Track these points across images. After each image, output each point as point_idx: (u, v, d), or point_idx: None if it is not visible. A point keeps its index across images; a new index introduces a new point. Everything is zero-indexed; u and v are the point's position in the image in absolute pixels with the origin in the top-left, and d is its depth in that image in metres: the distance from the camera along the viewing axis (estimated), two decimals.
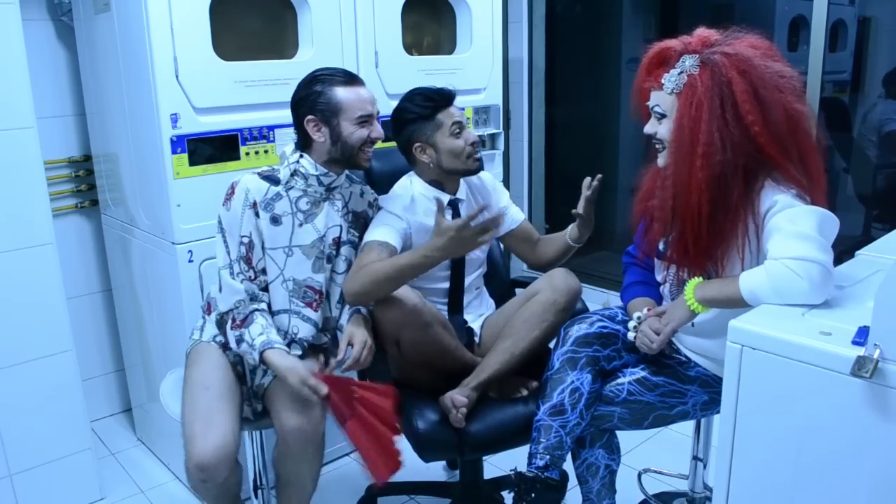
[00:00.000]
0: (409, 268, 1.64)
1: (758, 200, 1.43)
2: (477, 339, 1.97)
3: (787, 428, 1.17)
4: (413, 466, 2.20)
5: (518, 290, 2.14)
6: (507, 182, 3.47)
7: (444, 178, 1.89)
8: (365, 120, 1.70)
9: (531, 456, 1.57)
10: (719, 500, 1.29)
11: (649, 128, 1.55)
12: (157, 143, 1.95)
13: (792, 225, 1.35)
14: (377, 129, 1.73)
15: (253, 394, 1.78)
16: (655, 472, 2.21)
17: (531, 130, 3.63)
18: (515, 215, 2.06)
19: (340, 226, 1.80)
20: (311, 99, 1.69)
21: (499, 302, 2.07)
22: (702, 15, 3.72)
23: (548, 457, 1.55)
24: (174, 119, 1.94)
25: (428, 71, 2.49)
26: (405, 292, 1.70)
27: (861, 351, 1.07)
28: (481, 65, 2.67)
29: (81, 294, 2.57)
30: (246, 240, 1.69)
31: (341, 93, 1.68)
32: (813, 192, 1.45)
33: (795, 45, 3.17)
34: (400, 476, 2.34)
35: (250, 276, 1.71)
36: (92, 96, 2.35)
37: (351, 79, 1.71)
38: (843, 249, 1.50)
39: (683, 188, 1.45)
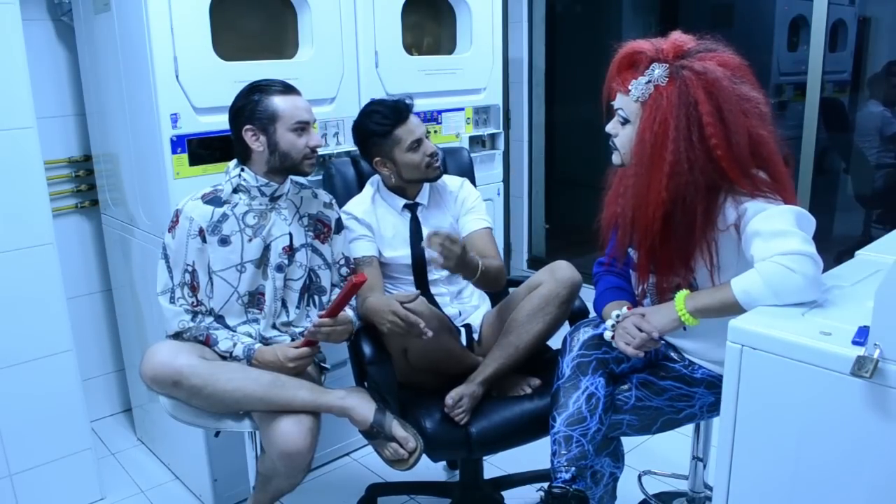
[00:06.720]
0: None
1: (720, 214, 1.43)
2: (476, 336, 1.97)
3: (787, 428, 1.17)
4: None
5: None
6: (507, 182, 3.47)
7: (405, 185, 1.96)
8: (301, 127, 1.71)
9: (555, 470, 1.50)
10: (719, 500, 1.29)
11: (611, 128, 1.55)
12: (157, 143, 1.95)
13: (769, 225, 1.35)
14: (314, 138, 1.75)
15: None
16: (655, 472, 2.21)
17: (531, 130, 3.63)
18: (467, 225, 2.00)
19: (290, 234, 1.78)
20: (249, 108, 1.70)
21: (495, 301, 2.06)
22: (702, 15, 3.71)
23: (573, 468, 1.48)
24: (174, 119, 1.94)
25: (428, 71, 2.49)
26: (415, 302, 1.69)
27: (861, 351, 1.07)
28: (481, 65, 2.67)
29: (81, 294, 2.57)
30: (190, 268, 1.74)
31: (278, 101, 1.70)
32: (781, 194, 1.43)
33: (795, 45, 3.17)
34: (400, 476, 2.35)
35: (192, 303, 1.74)
36: (92, 96, 2.35)
37: (288, 88, 1.73)
38: (843, 249, 1.50)
39: (642, 201, 1.45)
